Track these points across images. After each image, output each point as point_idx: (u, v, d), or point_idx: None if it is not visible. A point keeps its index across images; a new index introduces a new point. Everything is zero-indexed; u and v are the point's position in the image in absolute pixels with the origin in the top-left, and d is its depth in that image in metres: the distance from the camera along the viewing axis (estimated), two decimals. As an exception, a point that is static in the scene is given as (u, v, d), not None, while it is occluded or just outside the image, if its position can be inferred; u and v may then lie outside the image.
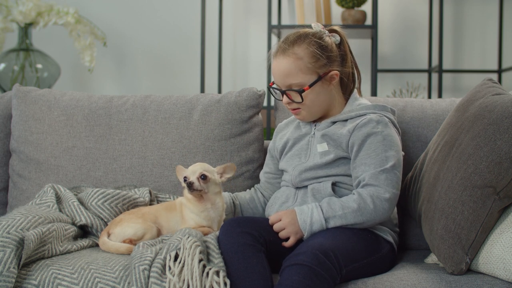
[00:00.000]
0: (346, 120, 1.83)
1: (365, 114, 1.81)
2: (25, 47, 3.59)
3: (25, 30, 3.57)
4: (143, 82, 4.04)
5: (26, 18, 3.46)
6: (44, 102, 2.24)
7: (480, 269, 1.63)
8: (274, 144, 2.00)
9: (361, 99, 1.89)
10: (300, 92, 1.78)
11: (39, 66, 3.58)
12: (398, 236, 1.89)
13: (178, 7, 4.01)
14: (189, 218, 1.85)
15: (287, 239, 1.72)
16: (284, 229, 1.71)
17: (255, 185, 2.09)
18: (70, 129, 2.21)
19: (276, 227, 1.72)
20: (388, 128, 1.78)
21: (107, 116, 2.21)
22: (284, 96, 1.82)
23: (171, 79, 4.04)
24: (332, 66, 1.81)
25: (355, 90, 1.90)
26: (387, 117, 1.82)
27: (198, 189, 1.80)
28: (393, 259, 1.80)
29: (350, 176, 1.81)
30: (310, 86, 1.78)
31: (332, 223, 1.70)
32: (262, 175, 2.06)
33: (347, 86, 1.90)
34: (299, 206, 1.75)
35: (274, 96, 1.95)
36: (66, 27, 3.53)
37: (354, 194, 1.73)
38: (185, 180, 1.82)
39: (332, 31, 1.86)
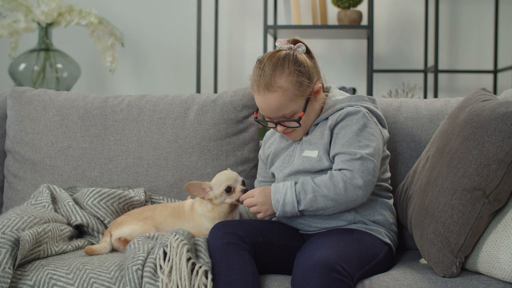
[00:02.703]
0: (326, 119, 1.83)
1: (342, 108, 1.81)
2: (45, 47, 3.57)
3: (46, 30, 3.55)
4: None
5: (48, 18, 3.44)
6: (39, 102, 2.24)
7: (476, 269, 1.63)
8: (263, 152, 2.00)
9: (336, 94, 1.88)
10: (298, 120, 1.78)
11: (59, 66, 3.57)
12: (396, 235, 1.88)
13: (176, 7, 4.01)
14: (205, 229, 1.83)
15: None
16: (255, 205, 1.76)
17: None
18: (66, 129, 2.20)
19: (247, 202, 1.76)
20: (365, 117, 1.78)
21: (102, 116, 2.21)
22: (279, 126, 1.82)
23: (167, 79, 4.04)
24: (314, 81, 1.81)
25: (332, 86, 1.91)
26: (364, 106, 1.82)
27: None
28: (391, 260, 1.80)
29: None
30: (304, 110, 1.78)
31: (303, 205, 1.72)
32: (257, 184, 2.05)
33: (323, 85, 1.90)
34: (275, 184, 1.77)
35: (264, 126, 1.93)
36: (87, 28, 3.51)
37: (327, 175, 1.73)
38: (228, 190, 1.81)
39: (295, 42, 1.85)
